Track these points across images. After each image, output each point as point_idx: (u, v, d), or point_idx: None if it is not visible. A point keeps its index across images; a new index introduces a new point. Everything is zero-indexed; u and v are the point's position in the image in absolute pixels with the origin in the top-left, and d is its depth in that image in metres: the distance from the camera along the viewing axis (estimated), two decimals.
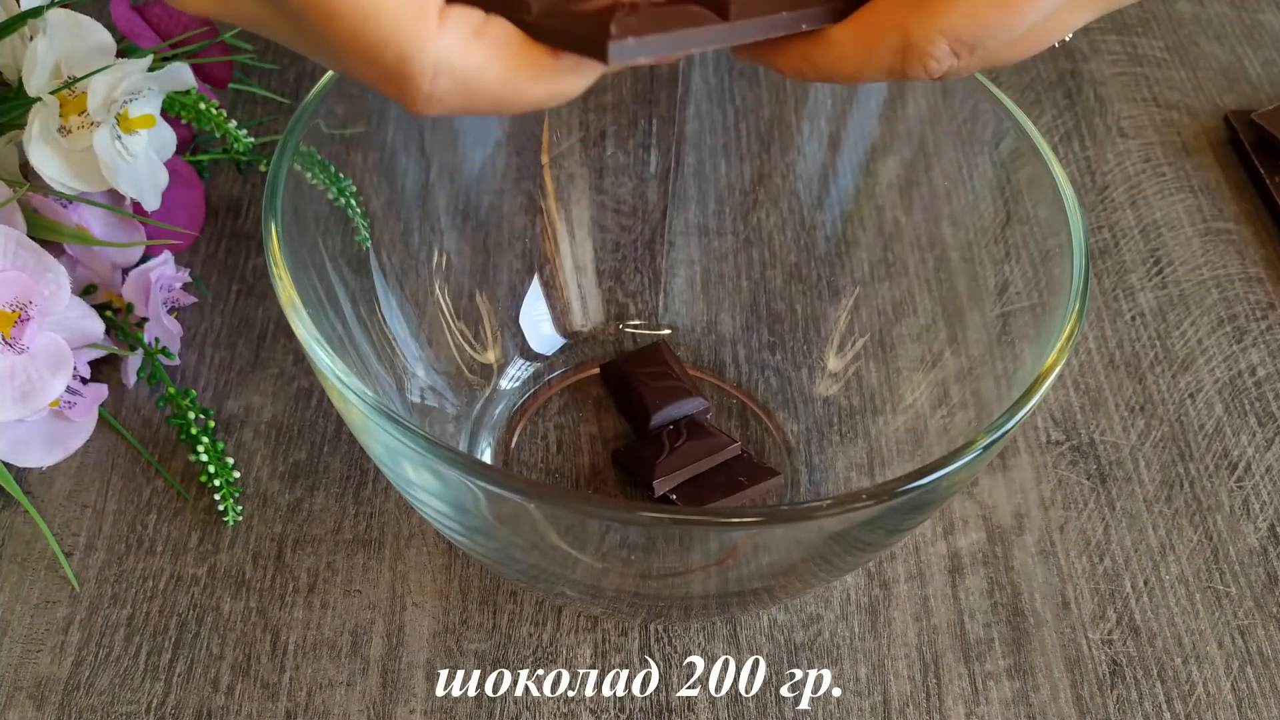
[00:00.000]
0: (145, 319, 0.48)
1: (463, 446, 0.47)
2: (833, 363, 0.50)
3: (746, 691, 0.43)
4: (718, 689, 0.43)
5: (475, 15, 0.28)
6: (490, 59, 0.28)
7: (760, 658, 0.44)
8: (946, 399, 0.45)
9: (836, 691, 0.43)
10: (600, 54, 0.28)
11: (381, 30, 0.27)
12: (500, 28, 0.28)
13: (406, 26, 0.27)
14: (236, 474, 0.47)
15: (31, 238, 0.44)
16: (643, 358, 0.50)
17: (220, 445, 0.46)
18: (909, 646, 0.45)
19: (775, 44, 0.31)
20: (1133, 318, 0.56)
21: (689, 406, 0.49)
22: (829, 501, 0.33)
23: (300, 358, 0.51)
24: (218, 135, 0.49)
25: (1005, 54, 0.30)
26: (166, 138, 0.49)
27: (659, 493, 0.46)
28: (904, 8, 0.29)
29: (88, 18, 0.46)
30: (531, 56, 0.28)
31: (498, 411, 0.49)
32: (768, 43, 0.31)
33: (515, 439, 0.49)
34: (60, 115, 0.46)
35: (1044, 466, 0.50)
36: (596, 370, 0.51)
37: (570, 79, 0.29)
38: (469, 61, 0.28)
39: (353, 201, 0.44)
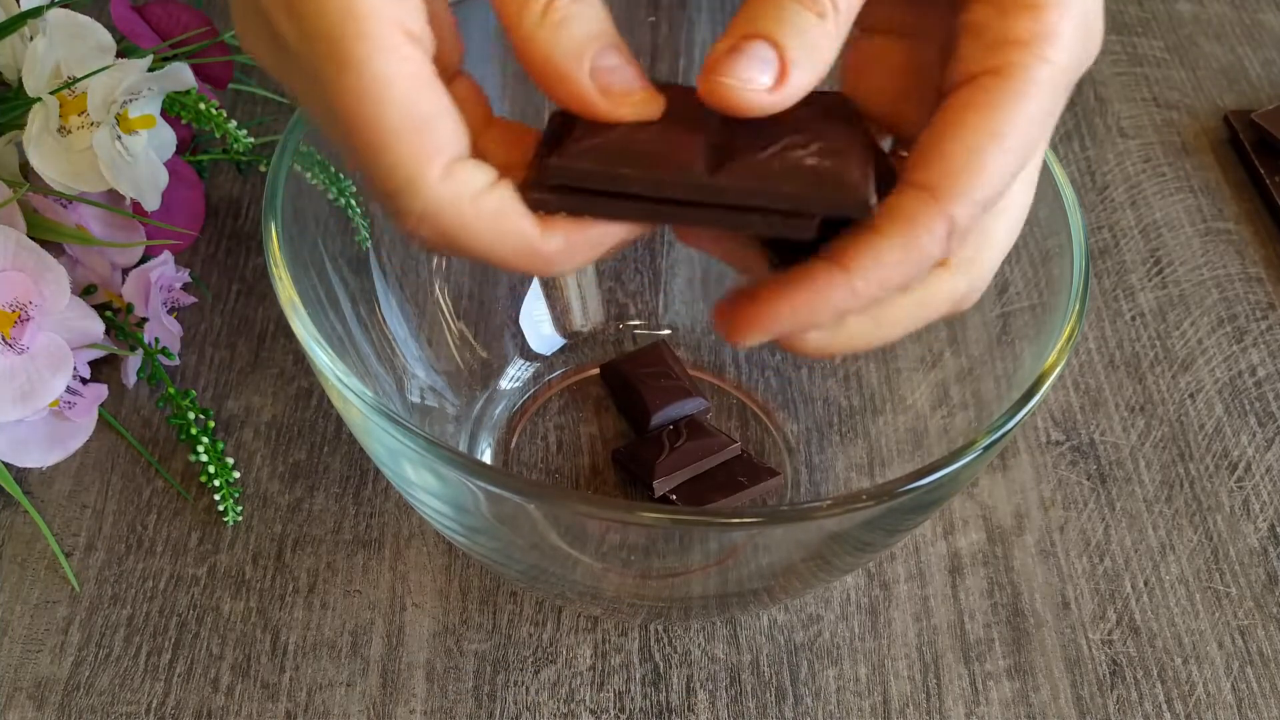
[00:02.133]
0: (145, 319, 0.48)
1: (463, 446, 0.47)
2: (833, 363, 0.50)
3: (746, 691, 0.43)
4: (717, 689, 0.43)
5: (483, 177, 0.29)
6: (477, 224, 0.29)
7: (760, 658, 0.44)
8: (946, 399, 0.45)
9: (836, 691, 0.43)
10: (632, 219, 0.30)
11: (388, 162, 0.28)
12: (498, 198, 0.29)
13: (409, 166, 0.28)
14: (236, 474, 0.47)
15: (31, 238, 0.44)
16: (643, 358, 0.50)
17: (220, 445, 0.47)
18: (909, 646, 0.45)
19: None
20: (1133, 318, 0.56)
21: (689, 406, 0.49)
22: (829, 501, 0.33)
23: (300, 358, 0.51)
24: (218, 135, 0.49)
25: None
26: (166, 138, 0.49)
27: (659, 493, 0.46)
28: (929, 198, 0.30)
29: (88, 18, 0.46)
30: (520, 233, 0.29)
31: (498, 411, 0.49)
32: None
33: (515, 439, 0.49)
34: (60, 115, 0.46)
35: (1044, 466, 0.50)
36: (596, 370, 0.51)
37: (552, 263, 0.30)
38: (456, 220, 0.29)
39: (353, 201, 0.44)
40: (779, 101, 0.29)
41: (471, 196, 0.29)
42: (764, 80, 0.29)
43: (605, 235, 0.30)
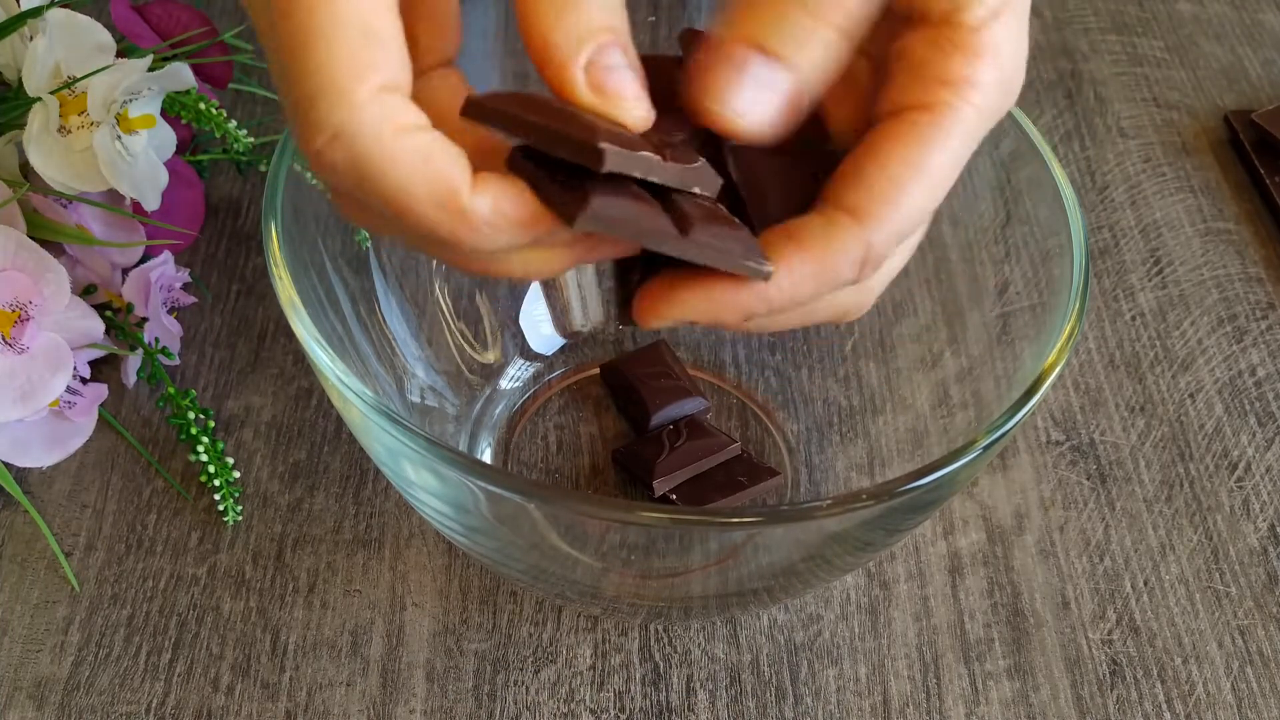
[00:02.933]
0: (145, 319, 0.48)
1: (463, 446, 0.47)
2: (833, 363, 0.50)
3: (746, 691, 0.43)
4: (717, 689, 0.43)
5: (415, 117, 0.27)
6: (397, 156, 0.26)
7: (760, 657, 0.44)
8: (946, 399, 0.45)
9: (836, 691, 0.43)
10: (569, 220, 0.27)
11: (316, 60, 0.26)
12: (429, 138, 0.27)
13: (338, 71, 0.26)
14: (236, 474, 0.47)
15: (31, 238, 0.44)
16: (643, 358, 0.50)
17: (220, 445, 0.47)
18: (909, 646, 0.45)
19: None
20: (1133, 318, 0.56)
21: (689, 406, 0.49)
22: (829, 501, 0.33)
23: (300, 358, 0.51)
24: (218, 135, 0.49)
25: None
26: (166, 138, 0.49)
27: (659, 493, 0.46)
28: (851, 221, 0.30)
29: (88, 18, 0.46)
30: (445, 178, 0.27)
31: (498, 411, 0.49)
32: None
33: (515, 439, 0.49)
34: (60, 115, 0.46)
35: (1044, 466, 0.50)
36: (596, 370, 0.51)
37: (471, 224, 0.27)
38: (374, 145, 0.26)
39: None
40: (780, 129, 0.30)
41: (398, 126, 0.26)
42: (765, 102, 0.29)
43: (536, 218, 0.28)
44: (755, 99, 0.29)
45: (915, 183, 0.30)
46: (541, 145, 0.27)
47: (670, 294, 0.30)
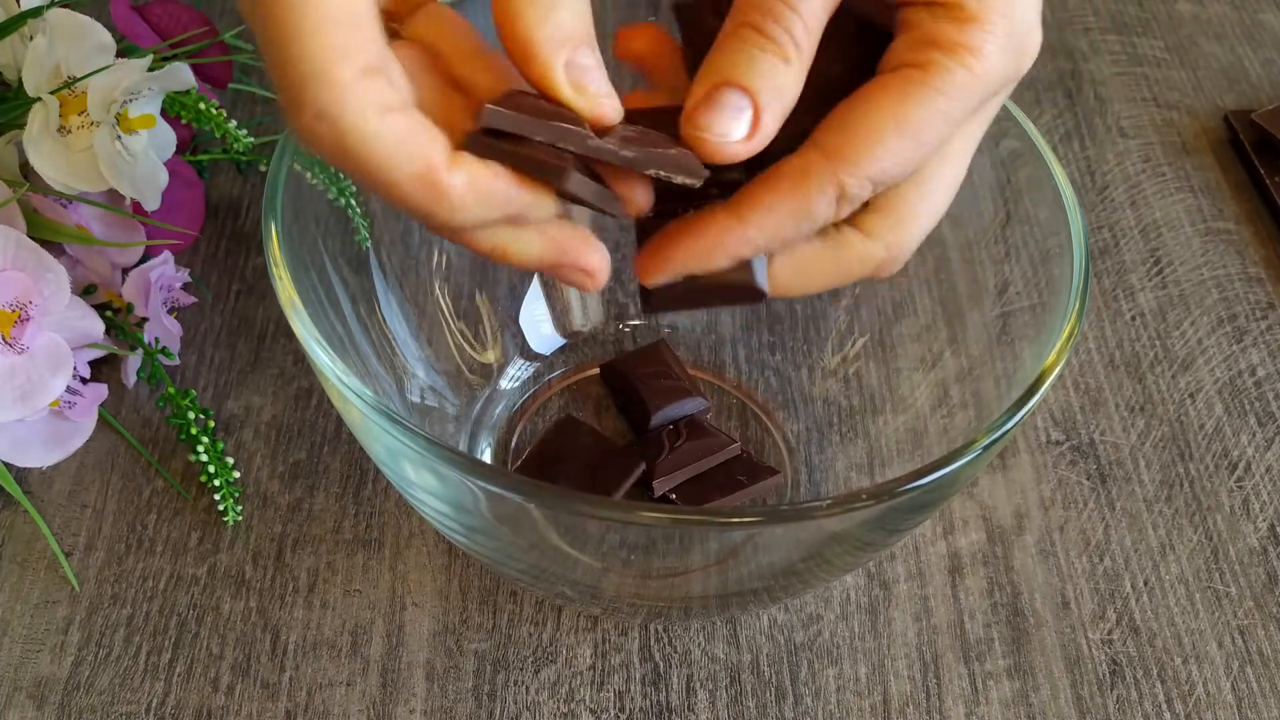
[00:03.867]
0: (145, 319, 0.48)
1: (463, 446, 0.47)
2: (833, 363, 0.50)
3: (746, 691, 0.43)
4: (717, 689, 0.43)
5: (397, 97, 0.29)
6: (379, 135, 0.28)
7: (760, 657, 0.44)
8: (946, 399, 0.45)
9: (836, 691, 0.43)
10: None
11: (304, 49, 0.28)
12: (409, 118, 0.29)
13: (324, 58, 0.28)
14: (236, 474, 0.47)
15: (31, 238, 0.44)
16: (643, 357, 0.50)
17: (220, 445, 0.47)
18: (909, 646, 0.45)
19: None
20: (1133, 318, 0.56)
21: (689, 406, 0.49)
22: (829, 501, 0.33)
23: (300, 358, 0.51)
24: (218, 135, 0.49)
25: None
26: (166, 138, 0.49)
27: (659, 492, 0.46)
28: (823, 159, 0.32)
29: (88, 18, 0.46)
30: (424, 156, 0.29)
31: (498, 411, 0.49)
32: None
33: (515, 439, 0.49)
34: (60, 115, 0.46)
35: (1044, 466, 0.50)
36: (596, 370, 0.51)
37: (450, 200, 0.29)
38: (357, 123, 0.28)
39: (353, 201, 0.44)
40: (753, 149, 0.31)
41: (381, 106, 0.28)
42: (739, 133, 0.31)
43: (510, 194, 0.30)
44: (730, 124, 0.32)
45: (893, 131, 0.31)
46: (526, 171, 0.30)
47: (661, 249, 0.32)
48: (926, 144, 0.32)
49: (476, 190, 0.29)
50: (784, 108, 0.32)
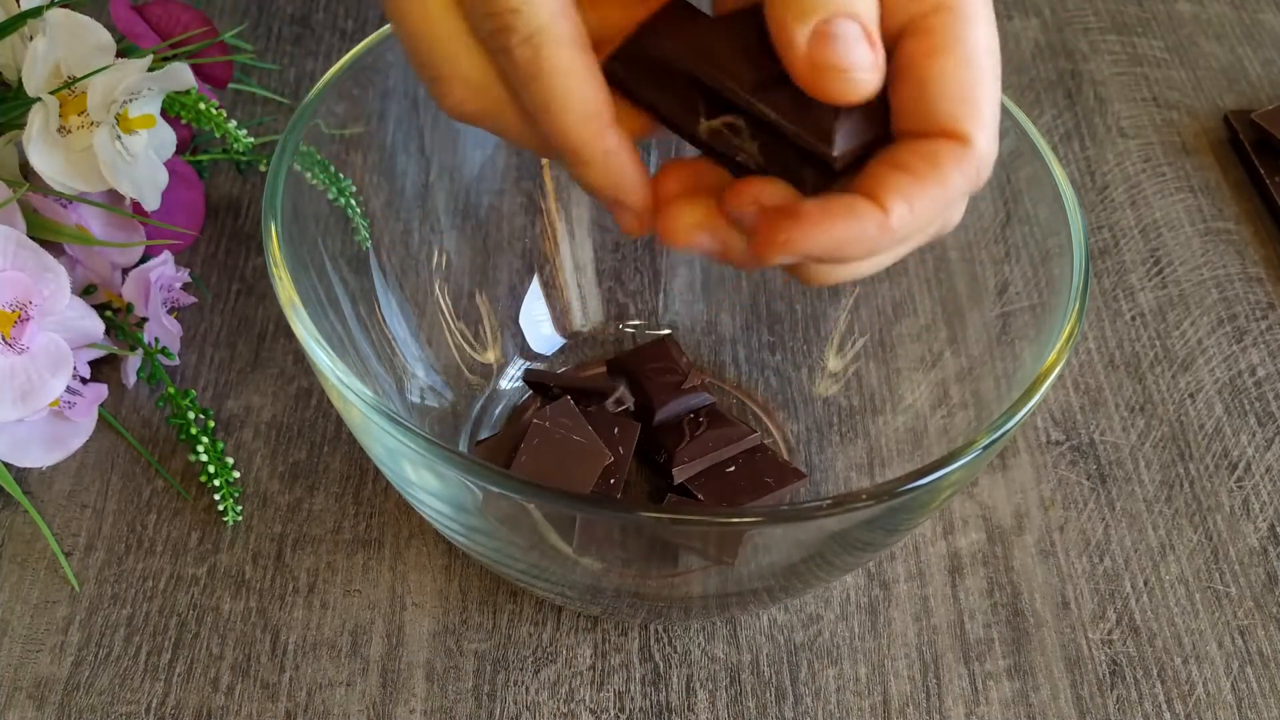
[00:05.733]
0: (145, 319, 0.48)
1: (463, 446, 0.47)
2: (833, 363, 0.50)
3: (746, 691, 0.43)
4: (717, 689, 0.43)
5: (586, 39, 0.30)
6: (572, 66, 0.30)
7: (760, 657, 0.44)
8: (946, 399, 0.45)
9: (836, 691, 0.43)
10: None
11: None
12: (593, 60, 0.30)
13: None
14: (236, 474, 0.47)
15: (31, 238, 0.44)
16: (649, 353, 0.50)
17: (220, 445, 0.47)
18: (909, 646, 0.45)
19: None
20: (1133, 318, 0.56)
21: (694, 402, 0.48)
22: (829, 501, 0.33)
23: (300, 358, 0.51)
24: (218, 135, 0.49)
25: None
26: (166, 138, 0.49)
27: (678, 480, 0.46)
28: (953, 143, 0.30)
29: (88, 18, 0.46)
30: (601, 98, 0.30)
31: (498, 411, 0.49)
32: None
33: None
34: (60, 115, 0.46)
35: (1044, 466, 0.50)
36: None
37: (604, 143, 0.31)
38: (555, 52, 0.30)
39: (353, 201, 0.44)
40: (880, 81, 0.29)
41: (581, 42, 0.30)
42: (866, 61, 0.29)
43: (629, 170, 0.31)
44: (857, 56, 0.29)
45: (975, 77, 0.30)
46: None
47: (792, 225, 0.29)
48: (996, 65, 0.30)
49: (618, 150, 0.30)
50: (877, 30, 0.30)
